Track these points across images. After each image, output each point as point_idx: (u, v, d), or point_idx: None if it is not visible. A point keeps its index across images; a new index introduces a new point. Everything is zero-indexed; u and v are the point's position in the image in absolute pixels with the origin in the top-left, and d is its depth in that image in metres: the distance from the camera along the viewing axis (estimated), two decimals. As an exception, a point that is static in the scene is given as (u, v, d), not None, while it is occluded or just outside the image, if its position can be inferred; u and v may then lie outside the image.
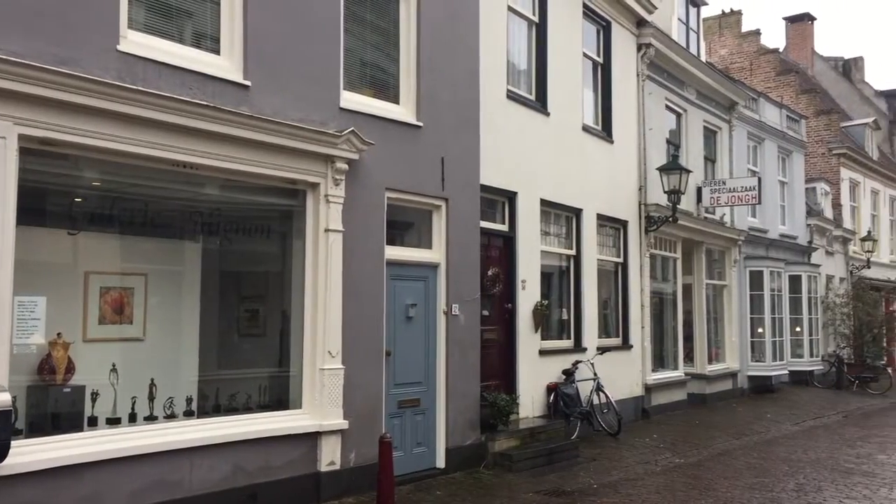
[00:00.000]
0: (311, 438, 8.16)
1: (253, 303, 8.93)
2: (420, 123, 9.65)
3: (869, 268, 28.42)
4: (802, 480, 10.35)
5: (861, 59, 38.97)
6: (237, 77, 7.69)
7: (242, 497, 7.48)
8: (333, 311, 8.40)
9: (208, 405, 7.90)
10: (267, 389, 8.43)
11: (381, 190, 9.12)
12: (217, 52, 7.73)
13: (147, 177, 7.30)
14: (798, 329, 22.86)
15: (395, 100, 9.62)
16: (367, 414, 8.70)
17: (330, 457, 8.27)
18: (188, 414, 7.61)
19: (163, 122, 6.93)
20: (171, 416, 7.44)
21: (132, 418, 7.23)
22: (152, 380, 7.40)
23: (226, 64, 7.70)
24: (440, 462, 9.78)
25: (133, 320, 7.52)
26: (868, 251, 28.18)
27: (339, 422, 8.32)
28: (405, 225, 9.93)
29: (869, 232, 29.08)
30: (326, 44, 8.57)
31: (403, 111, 9.60)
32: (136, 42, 6.98)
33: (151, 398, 7.38)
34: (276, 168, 7.98)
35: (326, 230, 8.41)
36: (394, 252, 9.37)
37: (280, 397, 8.42)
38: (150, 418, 7.33)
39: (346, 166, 8.49)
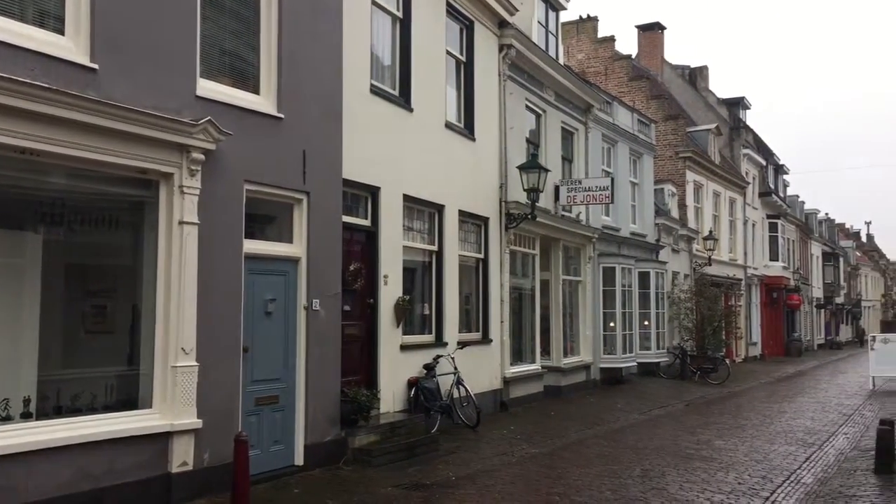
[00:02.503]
0: (162, 439, 7.85)
1: (100, 298, 8.47)
2: (281, 115, 9.47)
3: (710, 265, 30.32)
4: (648, 466, 10.90)
5: (706, 68, 41.50)
6: (83, 59, 7.28)
7: (86, 502, 7.10)
8: (188, 307, 8.11)
9: (49, 406, 7.43)
10: (114, 389, 8.02)
11: (240, 182, 8.88)
12: (62, 32, 7.29)
13: (-19, 162, 6.80)
14: (646, 323, 24.08)
15: (255, 90, 9.39)
16: (223, 412, 8.47)
17: (182, 457, 7.98)
18: (25, 416, 7.12)
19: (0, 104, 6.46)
20: (6, 419, 6.95)
21: (-39, 422, 6.71)
22: (-15, 380, 6.90)
23: (71, 45, 7.27)
24: (299, 459, 9.65)
25: (-37, 317, 6.98)
26: (710, 249, 30.06)
27: (193, 421, 8.05)
28: (265, 218, 9.72)
29: (711, 231, 31.02)
30: (182, 29, 8.25)
31: (264, 102, 9.39)
32: (-31, 17, 6.47)
33: (-16, 400, 6.87)
34: (126, 157, 7.61)
35: (181, 222, 8.11)
36: (253, 246, 9.15)
37: (129, 397, 8.03)
38: (-17, 422, 6.83)
39: (202, 157, 8.21)
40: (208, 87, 8.60)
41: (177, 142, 7.96)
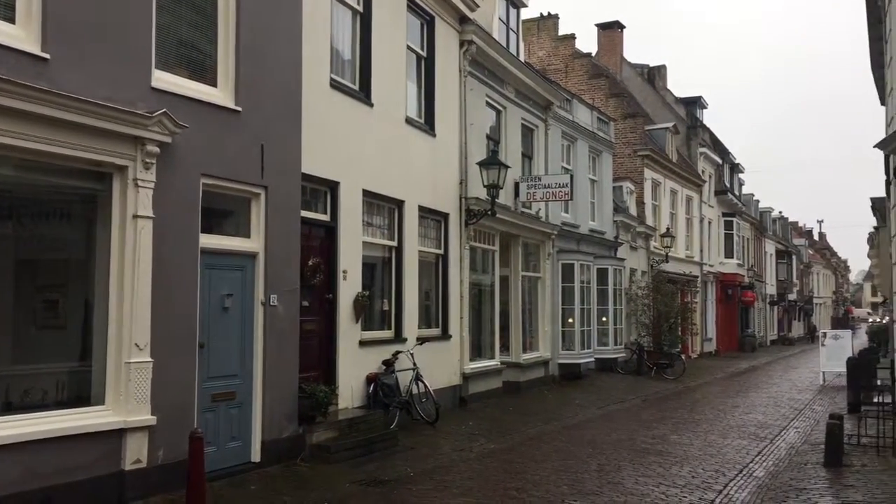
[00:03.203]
0: (115, 436, 7.71)
1: (52, 293, 8.28)
2: (239, 108, 9.35)
3: (667, 262, 30.68)
4: (604, 461, 11.01)
5: (664, 67, 41.95)
6: (34, 48, 7.10)
7: (35, 501, 6.95)
8: (142, 302, 7.98)
9: (-3, 403, 7.27)
10: (66, 385, 7.86)
11: (197, 175, 8.76)
12: (12, 20, 7.11)
13: (-74, 153, 6.60)
14: (604, 319, 24.30)
15: (212, 83, 9.26)
16: (178, 409, 8.35)
17: (136, 455, 7.86)
18: (-27, 413, 6.96)
19: (-55, 93, 6.29)
20: (-48, 417, 6.78)
21: None
22: (-70, 377, 6.70)
23: (21, 34, 7.09)
24: (256, 456, 9.56)
25: None
26: (667, 247, 30.41)
27: (147, 418, 7.93)
28: (222, 212, 9.59)
29: (668, 229, 31.38)
30: (137, 18, 8.10)
31: (221, 95, 9.27)
32: (-86, 2, 6.27)
33: (-71, 397, 6.68)
34: (78, 149, 7.45)
35: (135, 216, 7.97)
36: (209, 240, 9.04)
37: (81, 393, 7.87)
38: (-72, 419, 6.64)
39: (157, 149, 8.08)
40: (164, 79, 8.46)
41: (131, 134, 7.82)
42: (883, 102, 13.09)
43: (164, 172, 8.25)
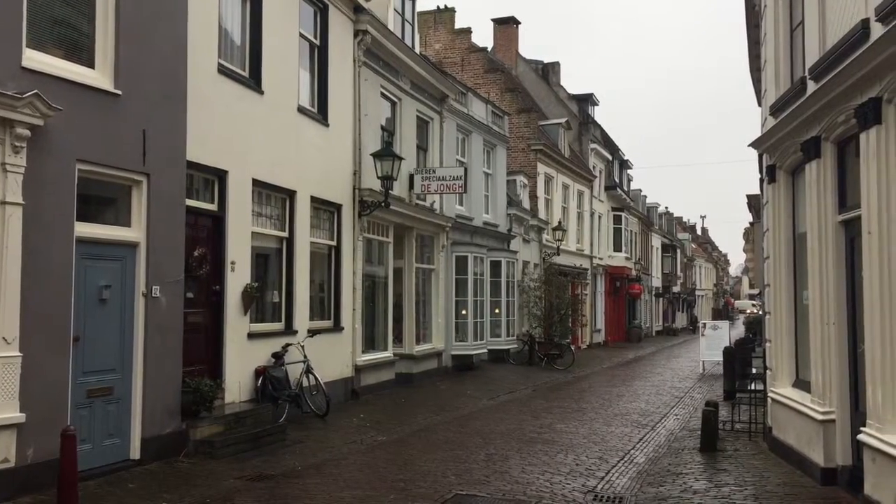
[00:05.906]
0: (-20, 435, 7.30)
1: None
2: (119, 92, 8.96)
3: (559, 255, 31.37)
4: (492, 451, 11.17)
5: (558, 64, 42.80)
6: None
7: None
8: (10, 293, 7.56)
9: None
10: (-76, 382, 7.37)
11: (72, 161, 8.35)
12: None
13: None
14: (497, 311, 24.65)
15: (90, 64, 8.83)
16: (50, 405, 7.96)
17: (3, 454, 7.45)
18: None
19: None
20: None
21: None
22: None
23: None
24: (135, 453, 9.22)
25: None
26: (558, 240, 31.07)
27: (15, 415, 7.54)
28: (101, 200, 9.19)
29: (560, 222, 32.08)
30: (6, -7, 7.64)
31: (99, 77, 8.85)
32: None
33: None
34: (-62, 129, 6.98)
35: (3, 202, 7.55)
36: (86, 229, 8.64)
37: (-59, 391, 7.41)
38: None
39: (27, 132, 7.66)
40: (36, 59, 8.02)
41: (-2, 115, 7.38)
42: (760, 104, 13.75)
43: (36, 157, 7.84)
